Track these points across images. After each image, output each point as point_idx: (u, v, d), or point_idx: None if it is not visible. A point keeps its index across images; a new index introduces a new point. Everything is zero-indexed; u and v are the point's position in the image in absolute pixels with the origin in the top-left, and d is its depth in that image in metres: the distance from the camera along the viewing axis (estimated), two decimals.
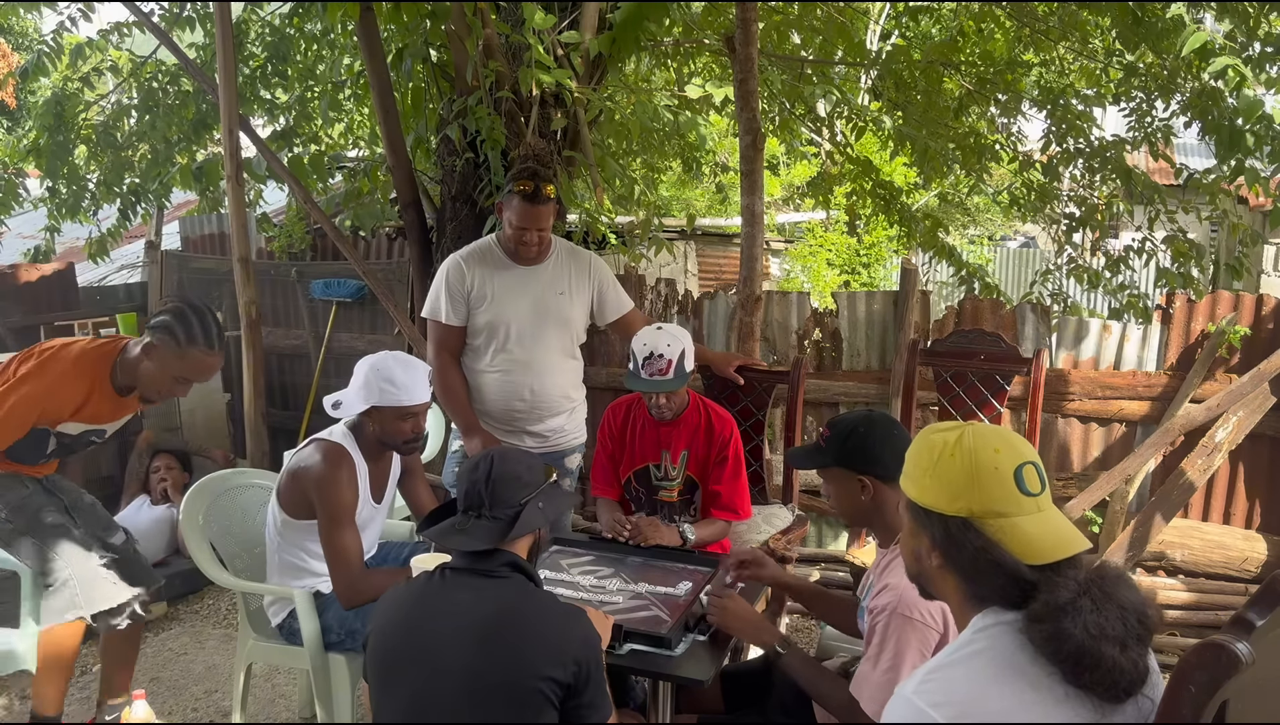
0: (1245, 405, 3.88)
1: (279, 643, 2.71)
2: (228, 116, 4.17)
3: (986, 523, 1.23)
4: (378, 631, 1.76)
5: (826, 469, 2.02)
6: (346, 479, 2.51)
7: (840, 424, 1.99)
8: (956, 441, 1.28)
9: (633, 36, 3.85)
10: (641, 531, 2.68)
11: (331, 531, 2.47)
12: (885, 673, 1.80)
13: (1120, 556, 3.93)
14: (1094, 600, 1.15)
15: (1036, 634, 1.16)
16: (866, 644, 1.88)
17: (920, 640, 1.78)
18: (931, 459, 1.29)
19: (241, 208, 4.27)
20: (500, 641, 1.65)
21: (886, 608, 1.82)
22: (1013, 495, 1.24)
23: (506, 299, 3.00)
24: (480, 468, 1.80)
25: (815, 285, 10.37)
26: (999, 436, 1.28)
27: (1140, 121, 5.40)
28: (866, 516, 1.99)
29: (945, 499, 1.27)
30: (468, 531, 1.75)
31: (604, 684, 1.73)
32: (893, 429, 1.97)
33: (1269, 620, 1.09)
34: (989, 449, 1.26)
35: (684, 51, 5.49)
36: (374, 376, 2.54)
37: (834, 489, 2.02)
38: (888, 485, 1.92)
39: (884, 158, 8.54)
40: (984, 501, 1.24)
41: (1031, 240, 14.42)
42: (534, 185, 2.86)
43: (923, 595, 1.40)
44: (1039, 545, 1.21)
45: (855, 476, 1.95)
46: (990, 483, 1.24)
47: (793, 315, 4.73)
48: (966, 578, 1.26)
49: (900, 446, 1.91)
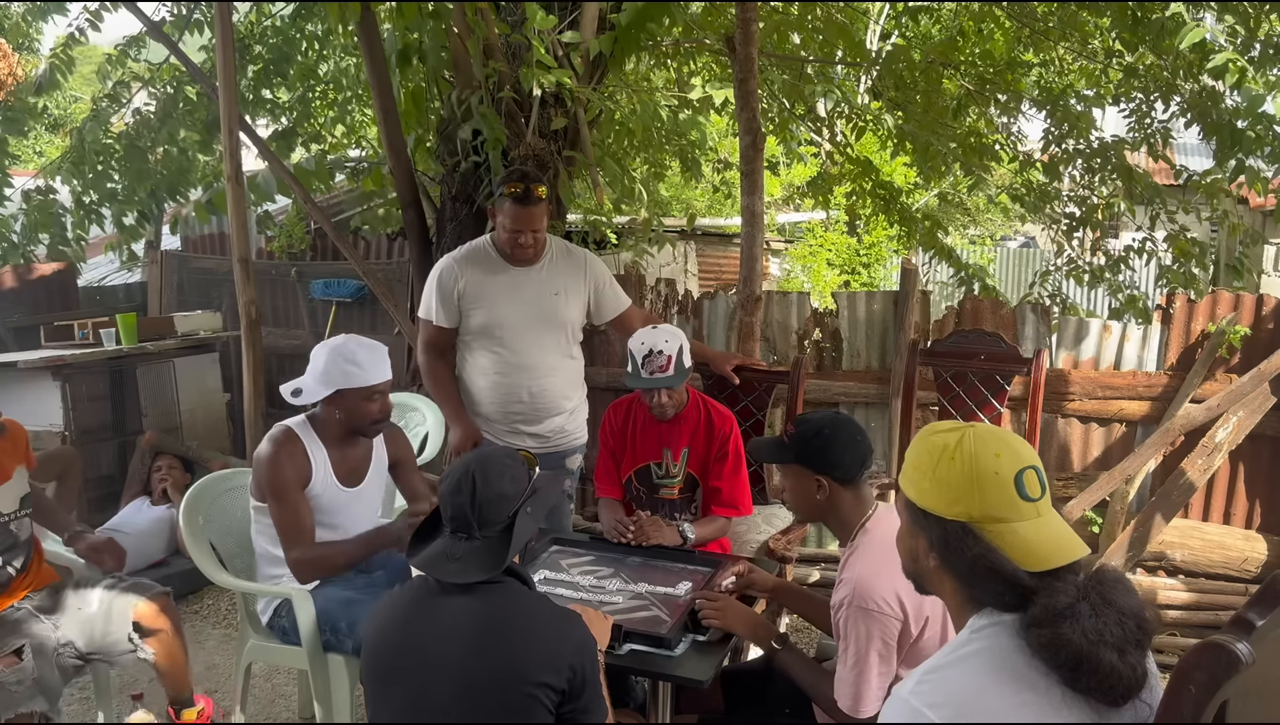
0: (1245, 405, 3.88)
1: (278, 642, 2.71)
2: (228, 117, 4.17)
3: (985, 528, 1.23)
4: (372, 636, 1.76)
5: (786, 465, 2.05)
6: (285, 456, 2.54)
7: (806, 423, 2.01)
8: (957, 444, 1.27)
9: (635, 37, 3.85)
10: (644, 531, 2.68)
11: (273, 507, 2.52)
12: (852, 669, 1.82)
13: (1120, 557, 3.93)
14: (1092, 605, 1.15)
15: (1034, 638, 1.15)
16: (837, 642, 1.90)
17: (881, 629, 1.80)
18: (932, 461, 1.28)
19: (242, 208, 4.27)
20: (494, 647, 1.64)
21: (844, 602, 1.85)
22: (1013, 501, 1.23)
23: (501, 300, 3.01)
24: (463, 489, 1.73)
25: (815, 285, 10.38)
26: (1000, 440, 1.27)
27: (1140, 122, 5.40)
28: (820, 514, 2.02)
29: (944, 502, 1.26)
30: (462, 559, 1.70)
31: (600, 687, 1.73)
32: (856, 434, 2.00)
33: (1269, 620, 1.09)
34: (990, 453, 1.25)
35: (684, 51, 5.49)
36: (335, 359, 2.56)
37: (790, 484, 2.05)
38: (844, 487, 1.96)
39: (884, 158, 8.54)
40: (983, 506, 1.23)
41: (1031, 240, 14.43)
42: (523, 187, 2.87)
43: (918, 591, 1.39)
44: (1038, 552, 1.21)
45: (813, 476, 1.97)
46: (990, 488, 1.23)
47: (793, 315, 4.73)
48: (964, 581, 1.26)
49: (862, 452, 1.97)
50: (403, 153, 4.37)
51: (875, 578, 1.81)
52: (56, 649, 2.53)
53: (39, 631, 2.52)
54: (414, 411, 4.20)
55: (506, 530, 1.73)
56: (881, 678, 1.82)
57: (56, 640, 2.54)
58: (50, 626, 2.55)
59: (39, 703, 2.38)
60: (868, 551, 1.89)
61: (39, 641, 2.49)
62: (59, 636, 2.55)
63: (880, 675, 1.82)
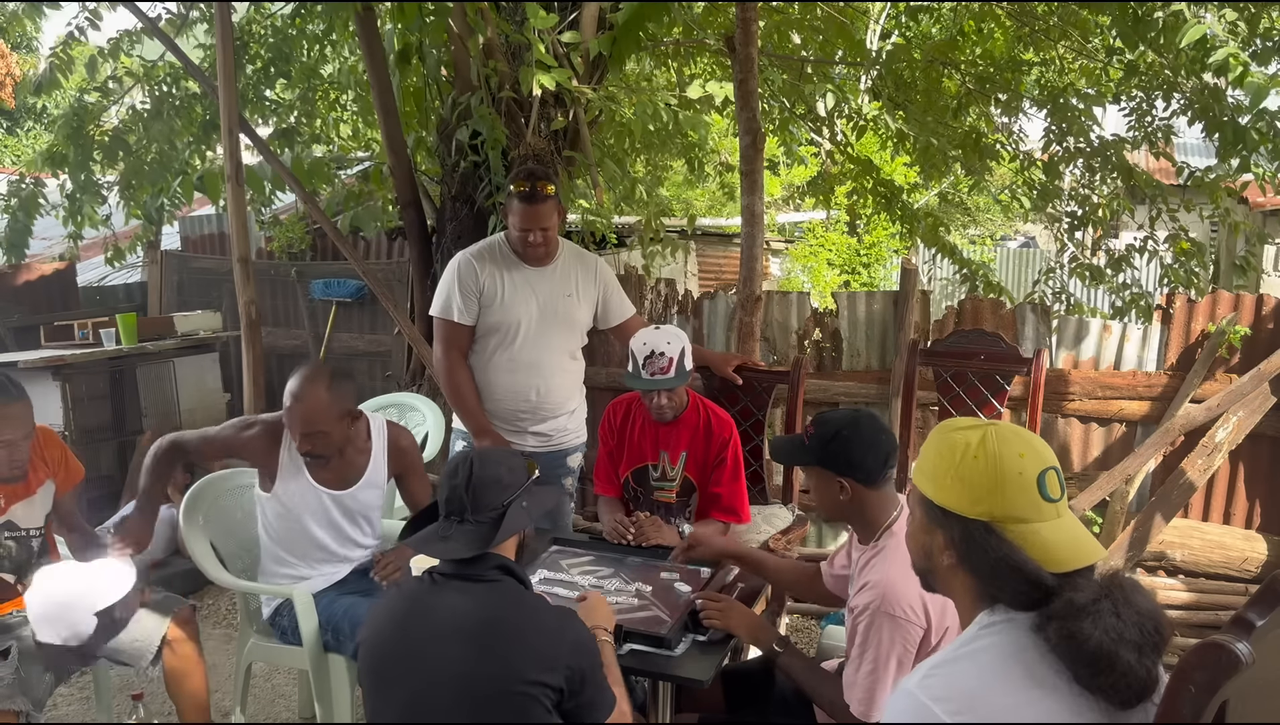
0: (1245, 405, 3.88)
1: (278, 642, 2.71)
2: (228, 117, 4.17)
3: (1008, 527, 1.22)
4: (369, 639, 1.76)
5: (808, 467, 2.02)
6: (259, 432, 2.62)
7: (825, 424, 1.97)
8: (980, 443, 1.25)
9: (634, 37, 3.85)
10: (644, 531, 2.68)
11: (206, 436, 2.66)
12: (869, 674, 1.81)
13: (1120, 557, 3.93)
14: (1114, 604, 1.14)
15: (1054, 632, 1.14)
16: (849, 644, 1.88)
17: (905, 636, 1.79)
18: (953, 460, 1.27)
19: (242, 208, 4.27)
20: (491, 647, 1.65)
21: (869, 606, 1.82)
22: (1035, 501, 1.22)
23: (516, 299, 3.00)
24: (460, 472, 1.76)
25: (815, 285, 10.37)
26: (1022, 439, 1.26)
27: (1140, 121, 5.40)
28: (845, 515, 2.00)
29: (967, 502, 1.25)
30: (451, 538, 1.72)
31: (602, 681, 1.73)
32: (878, 433, 1.95)
33: (1269, 620, 1.09)
34: (1014, 454, 1.24)
35: (684, 52, 5.49)
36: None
37: (814, 485, 2.02)
38: (868, 488, 1.93)
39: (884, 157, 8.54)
40: (1006, 507, 1.23)
41: (1031, 240, 14.42)
42: (530, 185, 2.87)
43: (925, 588, 1.38)
44: (1059, 554, 1.20)
45: (836, 478, 1.94)
46: (1014, 488, 1.22)
47: (793, 315, 4.73)
48: (982, 579, 1.25)
49: (884, 451, 1.93)
50: (403, 152, 4.37)
51: (904, 583, 1.77)
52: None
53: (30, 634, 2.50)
54: (414, 411, 4.21)
55: (499, 518, 1.74)
56: (895, 684, 1.81)
57: None
58: None
59: (20, 702, 2.35)
60: (895, 555, 1.84)
61: (29, 644, 2.46)
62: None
63: (895, 681, 1.81)
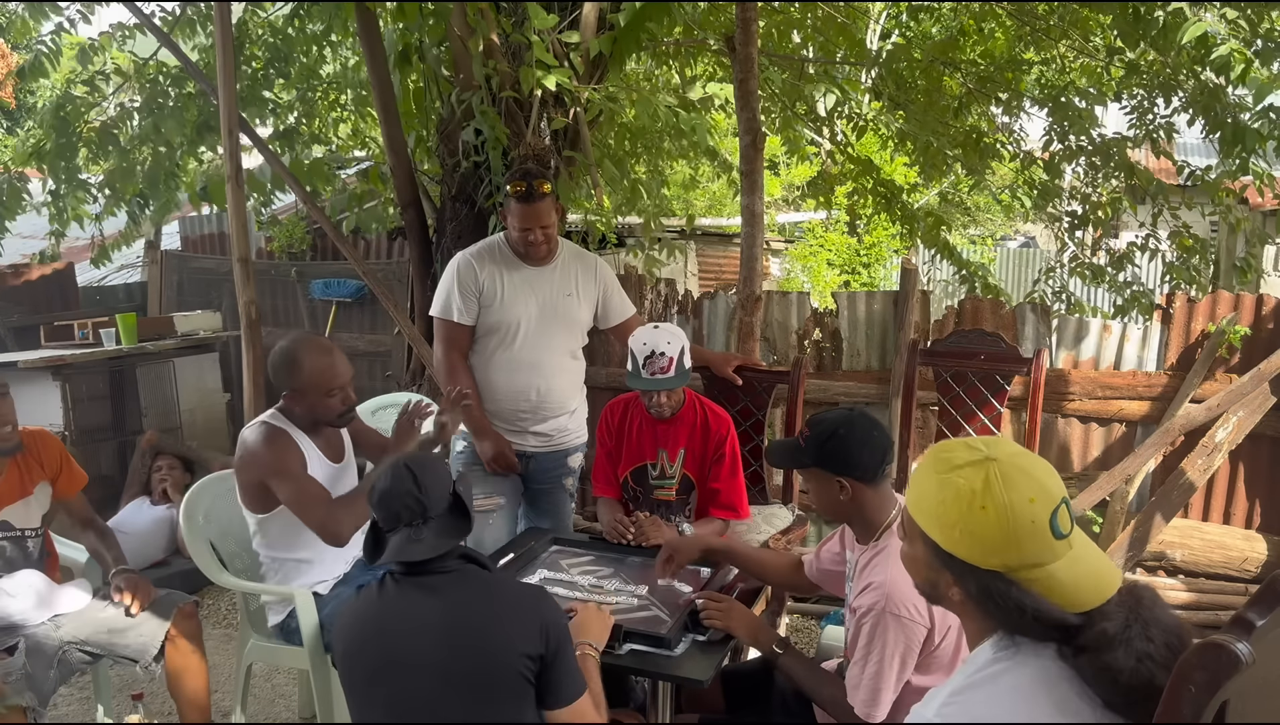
0: (1245, 405, 3.88)
1: (279, 643, 2.71)
2: (228, 118, 4.17)
3: (1021, 575, 1.18)
4: (344, 650, 1.77)
5: (806, 469, 2.02)
6: (282, 445, 2.55)
7: (820, 425, 1.97)
8: (985, 490, 1.19)
9: (635, 37, 3.85)
10: (644, 531, 2.68)
11: (289, 489, 2.49)
12: (873, 675, 1.81)
13: (1120, 557, 3.93)
14: (1144, 626, 1.13)
15: (1087, 664, 1.12)
16: (852, 644, 1.88)
17: (909, 636, 1.79)
18: (959, 510, 1.20)
19: (242, 208, 4.27)
20: (469, 633, 1.67)
21: (873, 607, 1.82)
22: (1050, 545, 1.18)
23: (516, 298, 3.00)
24: (404, 481, 1.76)
25: (815, 285, 10.36)
26: (1028, 480, 1.19)
27: (1141, 119, 5.39)
28: (845, 515, 2.00)
29: (978, 554, 1.20)
30: (425, 539, 1.74)
31: (573, 664, 1.75)
32: (872, 431, 1.95)
33: (1269, 620, 1.08)
34: (1024, 500, 1.18)
35: (685, 52, 5.49)
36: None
37: (813, 487, 2.03)
38: (867, 485, 1.93)
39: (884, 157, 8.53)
40: (1021, 557, 1.18)
41: (1032, 240, 14.43)
42: (526, 184, 2.88)
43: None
44: (1078, 594, 1.17)
45: (834, 478, 1.94)
46: (1027, 538, 1.17)
47: (793, 315, 4.73)
48: (998, 621, 1.21)
49: (880, 448, 1.93)
50: (403, 152, 4.37)
51: (908, 583, 1.71)
52: (62, 647, 2.53)
53: (37, 631, 2.52)
54: None
55: (453, 506, 1.79)
56: (898, 683, 1.82)
57: (59, 640, 2.53)
58: (51, 627, 2.55)
59: (28, 698, 2.38)
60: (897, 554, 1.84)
61: (36, 641, 2.49)
62: (61, 636, 2.54)
63: (898, 681, 1.81)
